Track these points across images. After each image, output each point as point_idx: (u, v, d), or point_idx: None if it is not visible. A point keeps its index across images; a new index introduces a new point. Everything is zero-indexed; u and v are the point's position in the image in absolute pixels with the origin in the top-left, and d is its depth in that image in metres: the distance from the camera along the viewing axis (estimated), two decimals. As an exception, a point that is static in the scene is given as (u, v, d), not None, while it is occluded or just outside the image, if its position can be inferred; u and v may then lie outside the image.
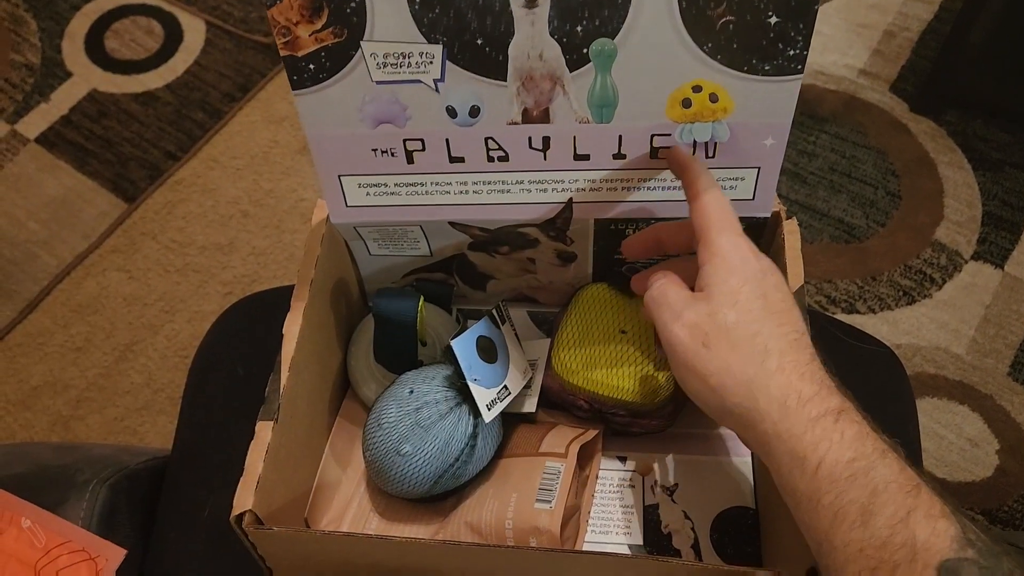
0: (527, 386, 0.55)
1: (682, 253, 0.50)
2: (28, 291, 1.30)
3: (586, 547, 0.53)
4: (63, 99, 1.50)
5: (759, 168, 0.50)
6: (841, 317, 1.19)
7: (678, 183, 0.50)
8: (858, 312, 1.20)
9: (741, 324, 0.42)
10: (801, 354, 0.41)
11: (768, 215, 0.53)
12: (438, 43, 0.45)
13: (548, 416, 0.57)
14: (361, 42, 0.45)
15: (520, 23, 0.44)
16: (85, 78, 1.52)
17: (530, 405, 0.55)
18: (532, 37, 0.45)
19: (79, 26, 1.58)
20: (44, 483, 0.64)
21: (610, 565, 0.44)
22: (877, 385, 0.63)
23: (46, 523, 0.58)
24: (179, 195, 1.38)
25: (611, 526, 0.54)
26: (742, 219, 0.51)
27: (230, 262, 1.31)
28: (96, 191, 1.39)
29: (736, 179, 0.51)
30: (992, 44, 1.30)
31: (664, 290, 0.45)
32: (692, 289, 0.45)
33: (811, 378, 0.40)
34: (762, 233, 0.55)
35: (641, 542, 0.53)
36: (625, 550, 0.53)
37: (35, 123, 1.47)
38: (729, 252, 0.43)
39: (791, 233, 0.52)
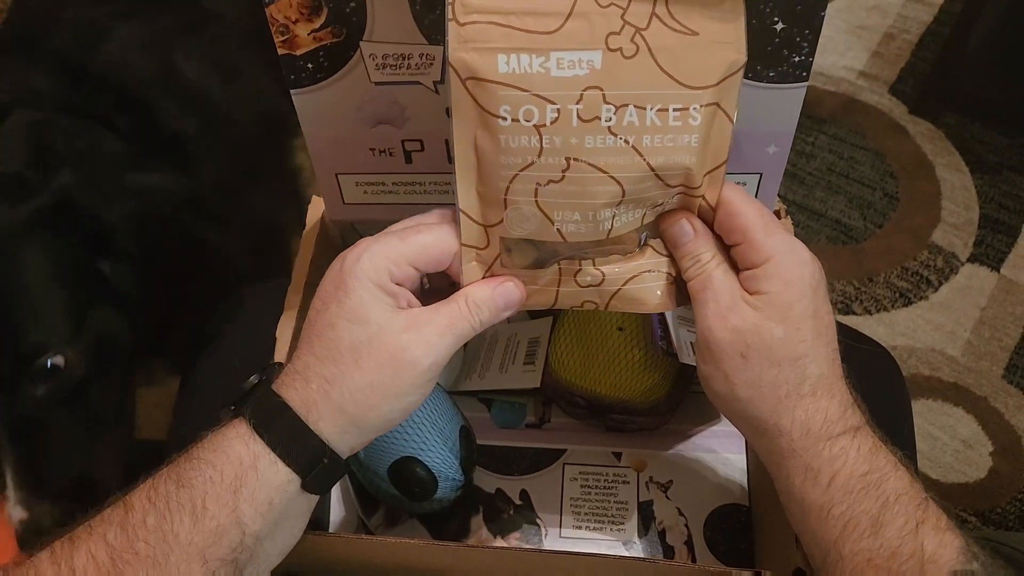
0: (531, 362, 0.56)
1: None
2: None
3: (580, 543, 0.53)
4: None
5: (761, 174, 0.50)
6: (837, 318, 1.19)
7: None
8: (854, 313, 1.20)
9: (788, 343, 0.39)
10: (835, 375, 0.41)
11: None
12: (440, 44, 0.44)
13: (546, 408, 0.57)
14: (360, 42, 0.44)
15: None
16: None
17: (534, 380, 0.56)
18: None
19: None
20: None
21: (596, 566, 0.45)
22: (873, 386, 0.63)
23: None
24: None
25: (605, 522, 0.54)
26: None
27: (228, 256, 1.31)
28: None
29: (737, 184, 0.51)
30: (991, 47, 1.30)
31: (712, 277, 0.41)
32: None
33: (840, 399, 0.40)
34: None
35: (635, 538, 0.53)
36: (619, 546, 0.53)
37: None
38: (785, 257, 0.40)
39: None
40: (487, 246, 0.41)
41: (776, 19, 0.42)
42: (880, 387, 0.63)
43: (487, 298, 0.41)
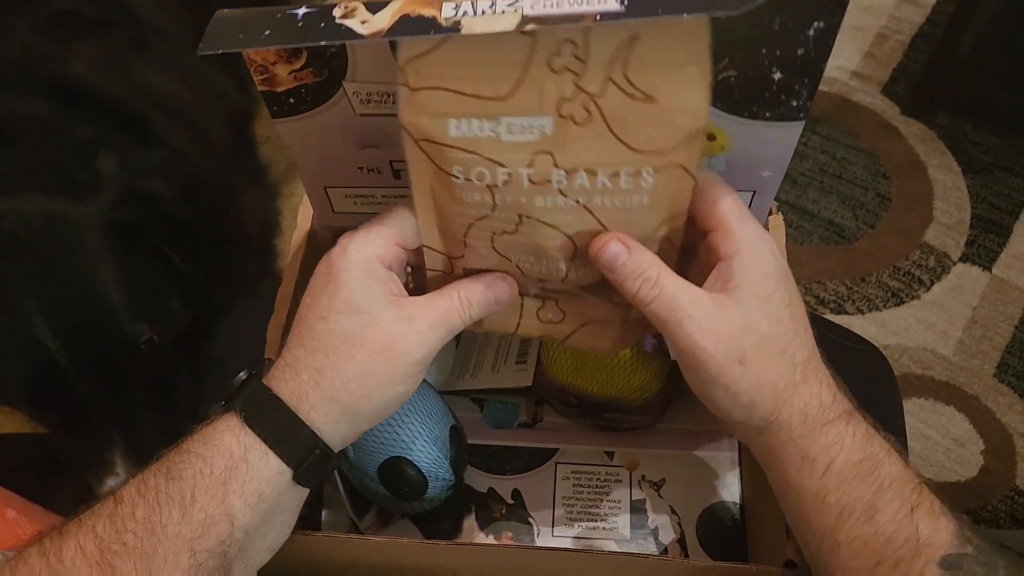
0: (523, 361, 0.56)
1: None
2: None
3: (572, 541, 0.53)
4: None
5: (754, 192, 0.49)
6: (830, 318, 1.19)
7: None
8: (847, 313, 1.21)
9: (774, 336, 0.39)
10: (817, 359, 0.40)
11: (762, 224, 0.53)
12: None
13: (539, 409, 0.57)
14: (343, 82, 0.43)
15: None
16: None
17: (526, 379, 0.57)
18: None
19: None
20: (31, 474, 0.63)
21: (586, 562, 0.44)
22: (865, 384, 0.63)
23: (32, 515, 0.58)
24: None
25: (597, 521, 0.54)
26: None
27: (221, 256, 1.31)
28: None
29: None
30: (983, 48, 1.30)
31: (674, 295, 0.38)
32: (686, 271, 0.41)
33: (827, 382, 0.40)
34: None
35: (628, 536, 0.53)
36: (612, 544, 0.53)
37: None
38: (758, 246, 0.39)
39: (776, 228, 0.52)
40: (453, 272, 0.42)
41: (774, 69, 0.40)
42: (872, 386, 0.63)
43: (479, 294, 0.41)
